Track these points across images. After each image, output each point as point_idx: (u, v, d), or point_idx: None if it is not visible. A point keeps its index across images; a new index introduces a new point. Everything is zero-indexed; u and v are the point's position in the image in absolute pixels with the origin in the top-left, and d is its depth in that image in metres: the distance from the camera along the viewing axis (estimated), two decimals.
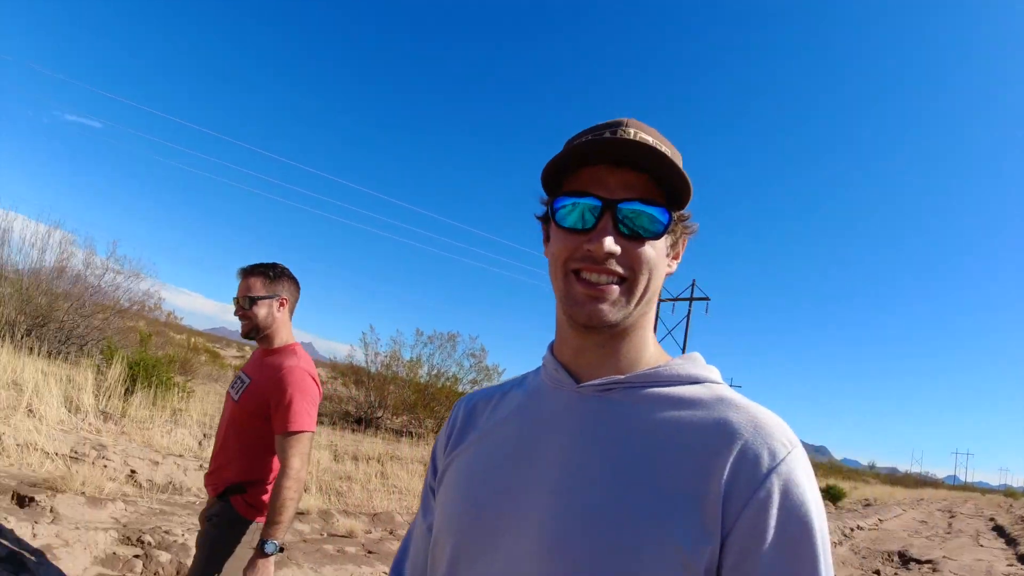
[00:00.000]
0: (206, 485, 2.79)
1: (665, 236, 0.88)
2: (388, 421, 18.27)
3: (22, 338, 10.66)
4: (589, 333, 0.88)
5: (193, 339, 28.43)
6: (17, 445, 6.03)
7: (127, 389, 9.19)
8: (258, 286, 2.76)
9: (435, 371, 19.09)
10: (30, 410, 7.27)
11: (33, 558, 3.75)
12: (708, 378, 0.88)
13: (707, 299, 49.09)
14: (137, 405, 8.94)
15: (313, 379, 2.71)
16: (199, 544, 2.65)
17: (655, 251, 0.87)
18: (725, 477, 0.75)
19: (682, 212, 0.90)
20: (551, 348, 0.98)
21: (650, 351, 0.92)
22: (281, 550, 2.45)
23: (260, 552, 2.41)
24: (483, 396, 1.06)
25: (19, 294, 11.57)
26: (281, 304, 2.81)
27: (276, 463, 2.69)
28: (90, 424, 7.83)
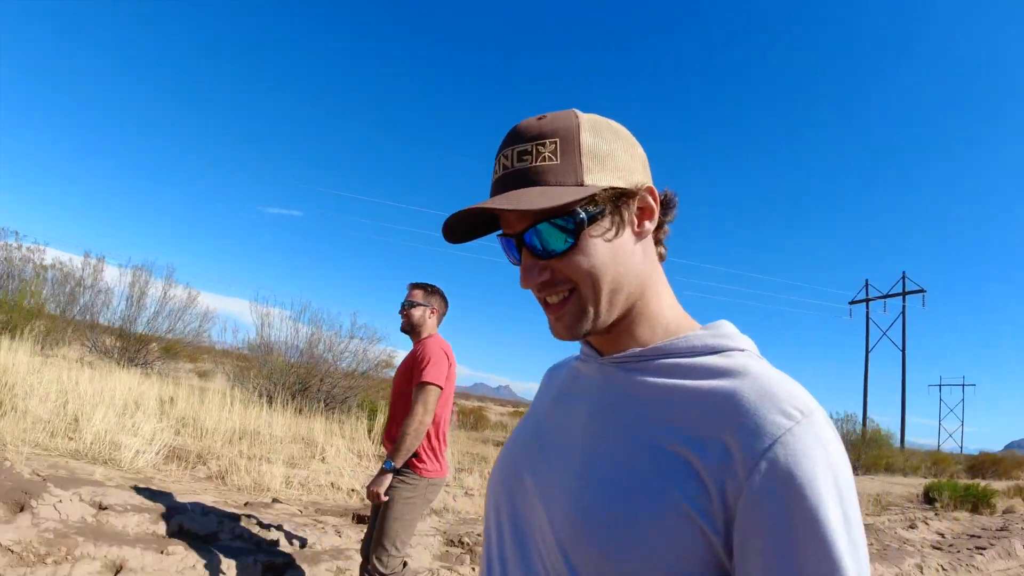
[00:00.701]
0: (383, 444, 4.06)
1: (593, 226, 0.81)
2: None
3: (291, 401, 12.59)
4: None
5: None
6: (319, 485, 7.24)
7: None
8: (418, 295, 3.84)
9: None
10: (323, 458, 8.65)
11: None
12: (730, 347, 0.83)
13: (922, 291, 45.03)
14: None
15: (446, 353, 3.65)
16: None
17: (588, 251, 0.82)
18: (723, 450, 0.71)
19: (596, 193, 0.80)
20: None
21: (669, 321, 0.89)
22: (396, 471, 3.45)
23: (382, 468, 3.45)
24: (557, 365, 1.10)
25: (284, 367, 13.65)
26: (432, 312, 3.84)
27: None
28: (371, 464, 9.10)
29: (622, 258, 0.84)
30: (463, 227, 0.88)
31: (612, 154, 0.83)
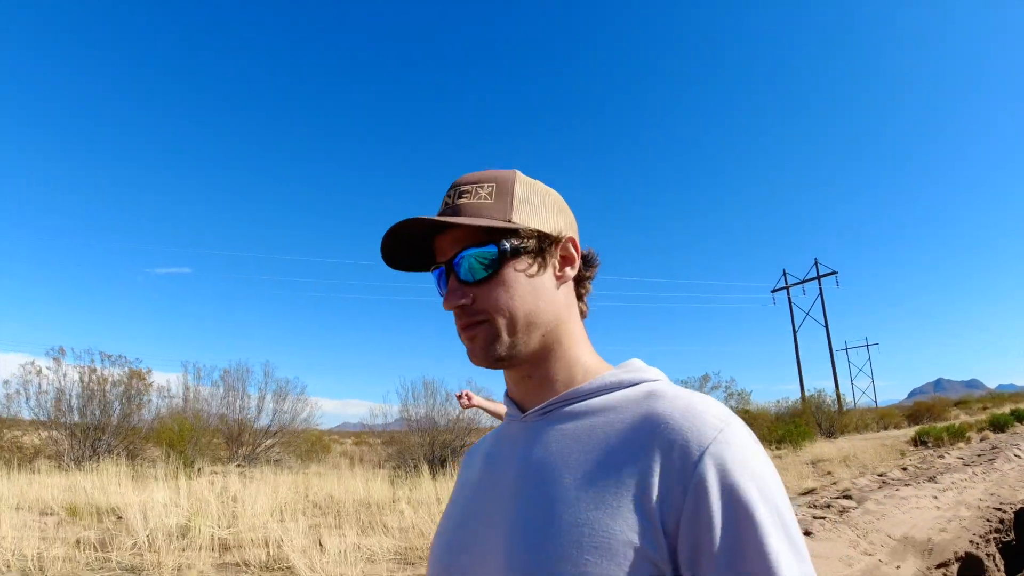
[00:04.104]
0: None
1: (515, 260, 0.88)
2: None
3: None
4: (504, 370, 0.93)
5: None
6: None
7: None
8: None
9: None
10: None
11: None
12: (643, 379, 0.87)
13: (835, 273, 51.56)
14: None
15: None
16: None
17: (508, 282, 0.88)
18: (658, 468, 0.72)
19: (519, 232, 0.88)
20: (506, 390, 0.99)
21: (583, 366, 0.91)
22: None
23: None
24: (473, 447, 1.08)
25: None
26: None
27: None
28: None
29: (541, 293, 0.89)
30: (401, 253, 0.93)
31: (542, 205, 0.92)
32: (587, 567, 0.70)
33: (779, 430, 21.20)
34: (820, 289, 52.01)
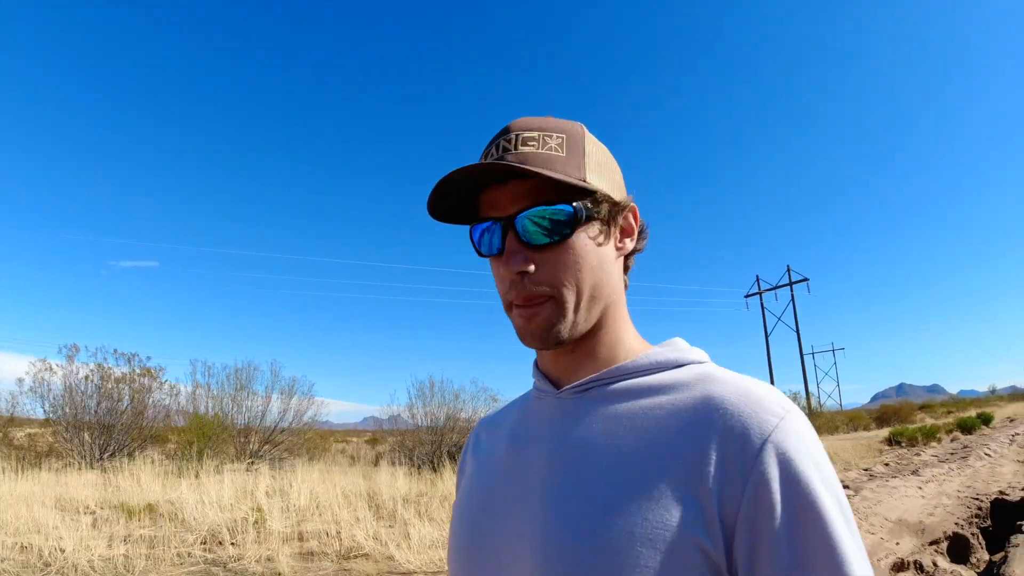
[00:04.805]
0: None
1: (587, 226, 0.79)
2: None
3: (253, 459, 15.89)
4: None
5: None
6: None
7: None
8: None
9: None
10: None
11: None
12: (690, 360, 0.82)
13: (806, 280, 53.21)
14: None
15: None
16: None
17: (576, 251, 0.79)
18: (716, 457, 0.68)
19: (595, 195, 0.79)
20: (535, 360, 0.93)
21: (627, 344, 0.85)
22: None
23: None
24: (489, 420, 1.01)
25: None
26: None
27: None
28: None
29: (605, 266, 0.82)
30: (449, 203, 0.81)
31: (609, 167, 0.83)
32: (640, 559, 0.66)
33: None
34: (792, 295, 53.65)
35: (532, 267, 0.78)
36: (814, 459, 0.68)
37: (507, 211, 0.78)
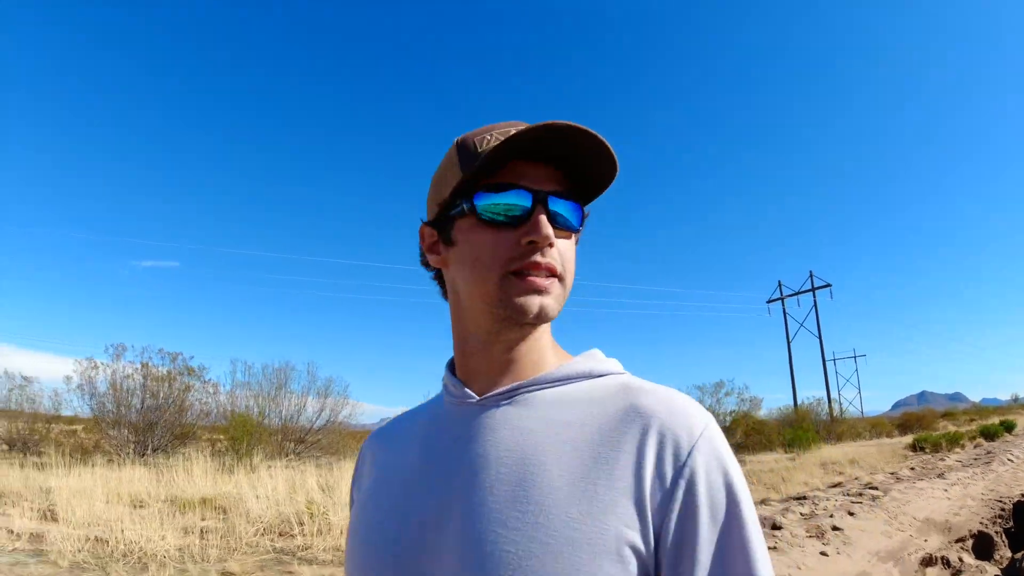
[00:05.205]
0: None
1: (580, 232, 0.86)
2: None
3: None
4: (505, 333, 0.82)
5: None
6: None
7: None
8: None
9: None
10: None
11: None
12: (610, 370, 0.85)
13: (828, 286, 52.92)
14: None
15: None
16: None
17: (573, 248, 0.85)
18: (651, 460, 0.71)
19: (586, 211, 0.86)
20: (449, 366, 0.92)
21: (550, 353, 0.87)
22: None
23: None
24: (386, 431, 0.98)
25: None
26: None
27: None
28: None
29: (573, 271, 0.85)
30: (506, 152, 0.78)
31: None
32: (580, 563, 0.66)
33: (787, 435, 22.65)
34: (815, 301, 53.48)
35: (553, 243, 0.80)
36: (734, 466, 0.74)
37: (543, 187, 0.80)
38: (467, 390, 0.85)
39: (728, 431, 20.43)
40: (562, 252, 0.81)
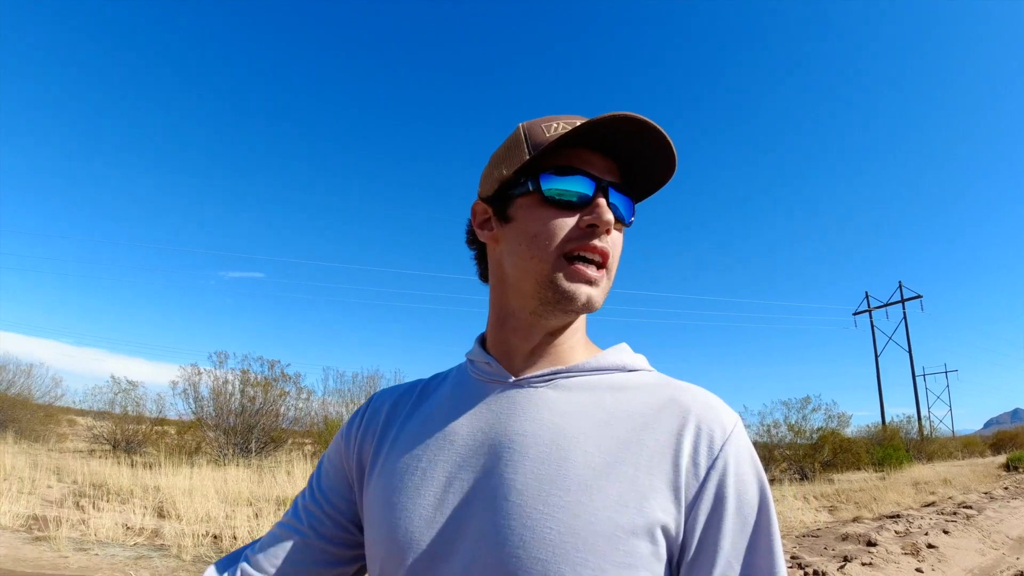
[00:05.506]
0: None
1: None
2: None
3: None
4: (548, 317, 0.84)
5: None
6: None
7: None
8: None
9: None
10: None
11: None
12: (641, 366, 0.88)
13: (919, 296, 50.44)
14: None
15: None
16: None
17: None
18: (687, 450, 0.75)
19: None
20: (480, 342, 0.94)
21: (584, 343, 0.90)
22: None
23: None
24: (406, 395, 0.97)
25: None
26: None
27: None
28: None
29: None
30: (581, 137, 0.80)
31: None
32: (620, 542, 0.69)
33: (877, 453, 22.50)
34: (904, 313, 51.47)
35: (611, 230, 0.82)
36: (757, 460, 0.79)
37: (606, 176, 0.83)
38: (501, 368, 0.86)
39: (815, 448, 20.43)
40: (613, 243, 0.84)
